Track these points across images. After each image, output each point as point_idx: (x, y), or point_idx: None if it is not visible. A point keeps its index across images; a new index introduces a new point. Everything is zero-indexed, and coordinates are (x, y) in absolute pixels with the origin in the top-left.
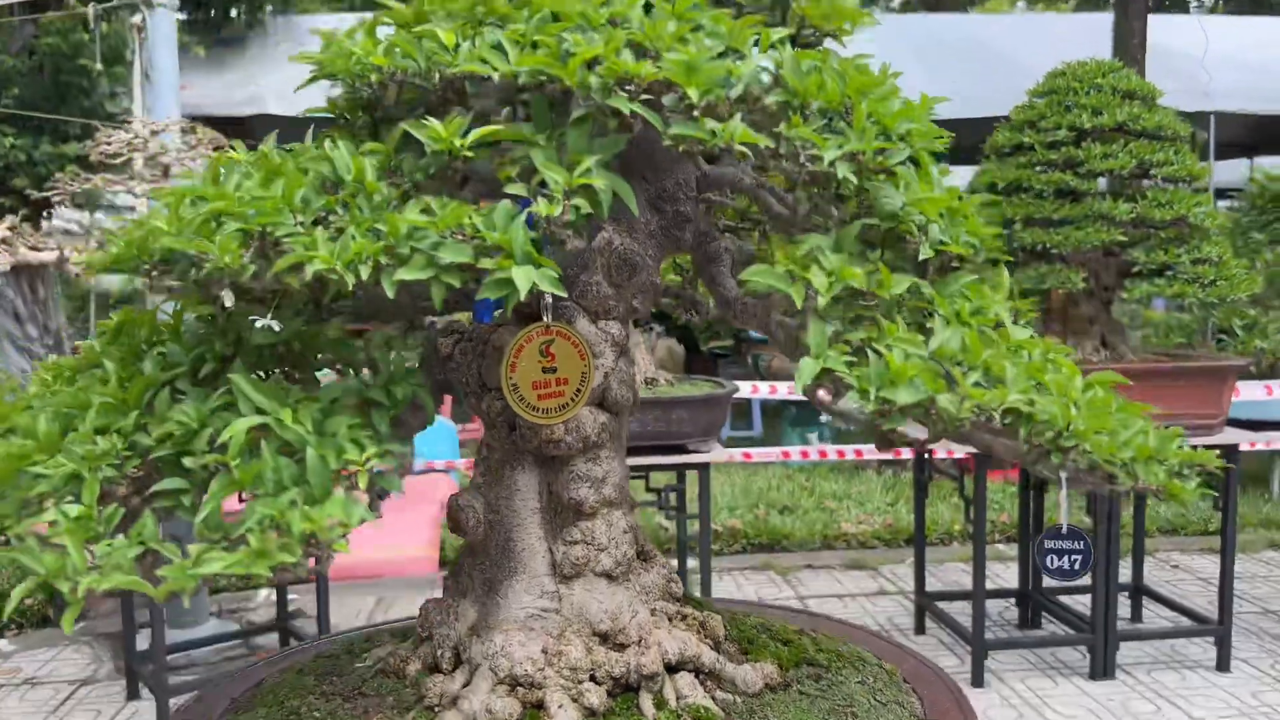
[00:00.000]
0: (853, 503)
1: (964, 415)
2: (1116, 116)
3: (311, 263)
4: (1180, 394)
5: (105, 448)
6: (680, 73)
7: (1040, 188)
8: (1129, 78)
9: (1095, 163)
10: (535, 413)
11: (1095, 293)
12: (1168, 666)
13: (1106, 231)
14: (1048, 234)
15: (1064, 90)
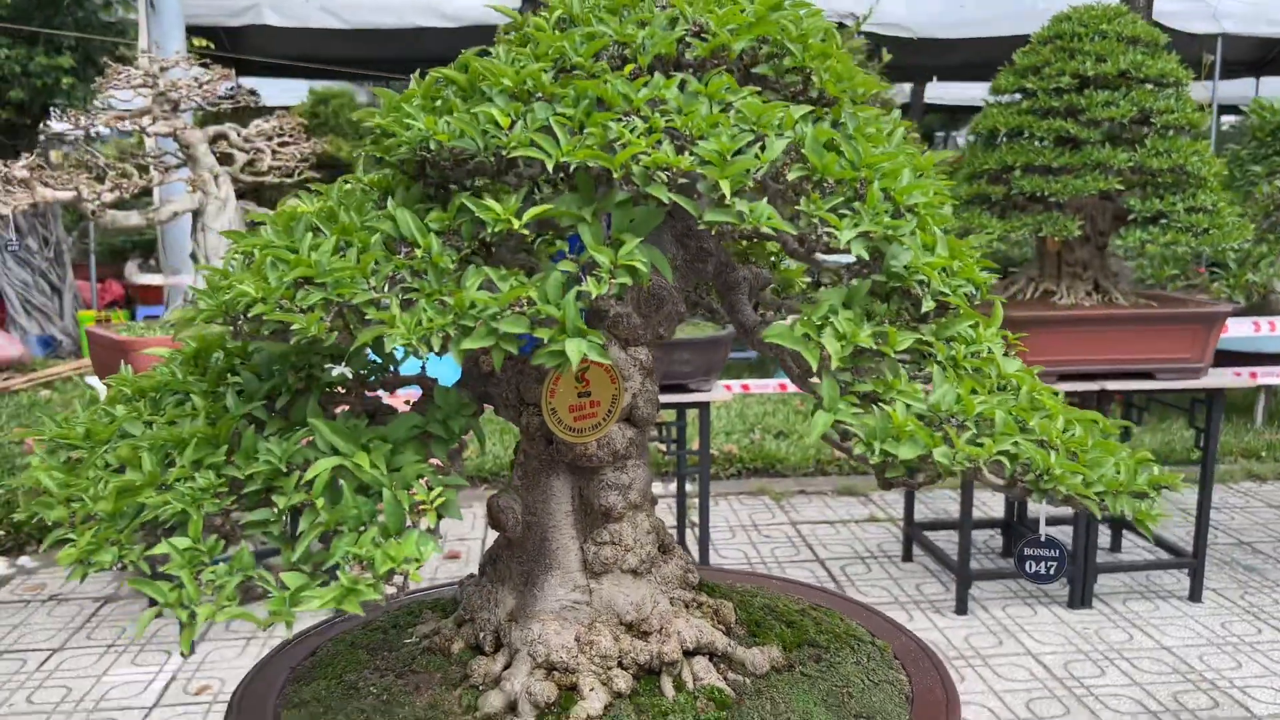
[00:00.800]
0: None
1: (957, 467)
2: (1120, 64)
3: (391, 336)
4: (1168, 338)
5: (204, 484)
6: (714, 165)
7: (1041, 135)
8: (1134, 23)
9: (1097, 110)
10: (571, 433)
11: (1091, 237)
12: (1143, 597)
13: (1104, 180)
14: (1046, 181)
15: (1068, 36)
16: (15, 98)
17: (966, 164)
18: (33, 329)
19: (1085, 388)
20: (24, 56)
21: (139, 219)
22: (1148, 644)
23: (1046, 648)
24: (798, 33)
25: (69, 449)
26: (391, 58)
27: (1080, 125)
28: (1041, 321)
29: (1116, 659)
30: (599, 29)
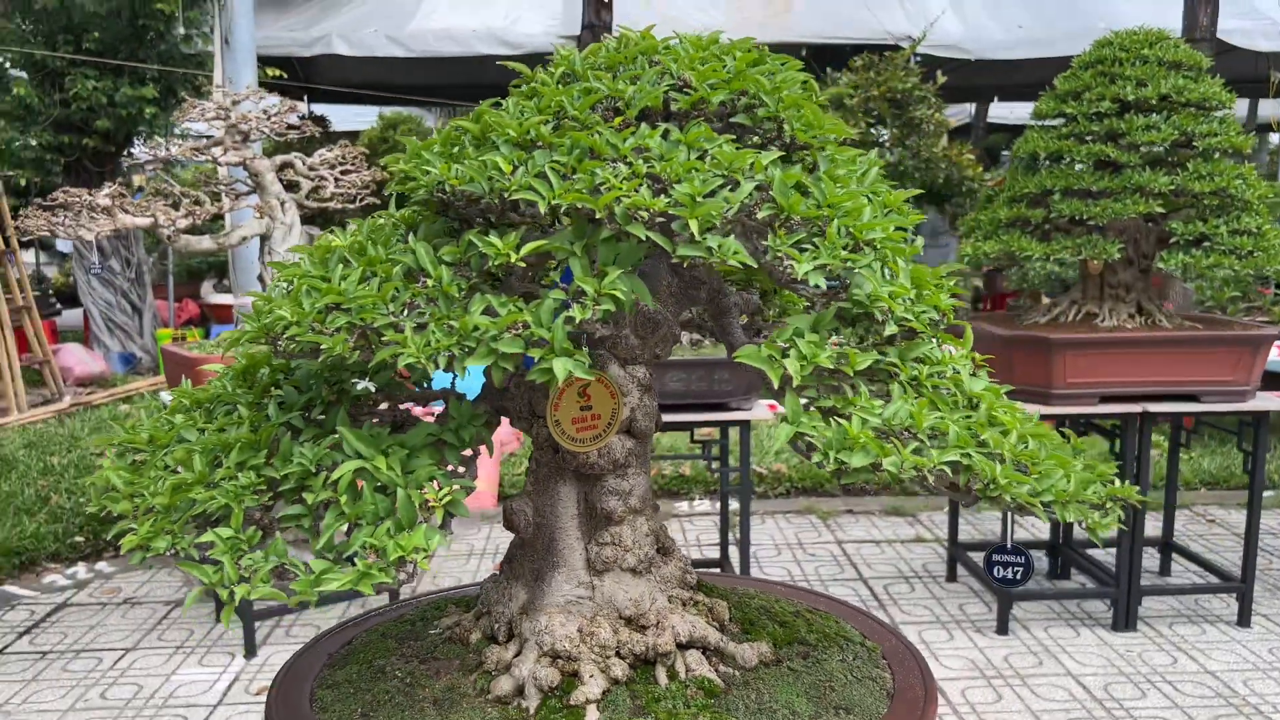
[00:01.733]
0: None
1: (904, 475)
2: (1161, 88)
3: (403, 355)
4: (1213, 361)
5: (245, 482)
6: (686, 206)
7: (1080, 159)
8: (1176, 48)
9: (1137, 135)
10: (574, 442)
11: (1134, 260)
12: (1189, 621)
13: (1145, 203)
14: (1086, 205)
15: (1109, 61)
16: (102, 127)
17: (1007, 187)
18: (114, 346)
19: (1127, 410)
20: (110, 88)
21: (211, 243)
22: (1191, 668)
23: (1087, 669)
24: (771, 85)
25: (135, 452)
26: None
27: (1120, 149)
28: (1082, 344)
29: (1159, 682)
30: (594, 85)
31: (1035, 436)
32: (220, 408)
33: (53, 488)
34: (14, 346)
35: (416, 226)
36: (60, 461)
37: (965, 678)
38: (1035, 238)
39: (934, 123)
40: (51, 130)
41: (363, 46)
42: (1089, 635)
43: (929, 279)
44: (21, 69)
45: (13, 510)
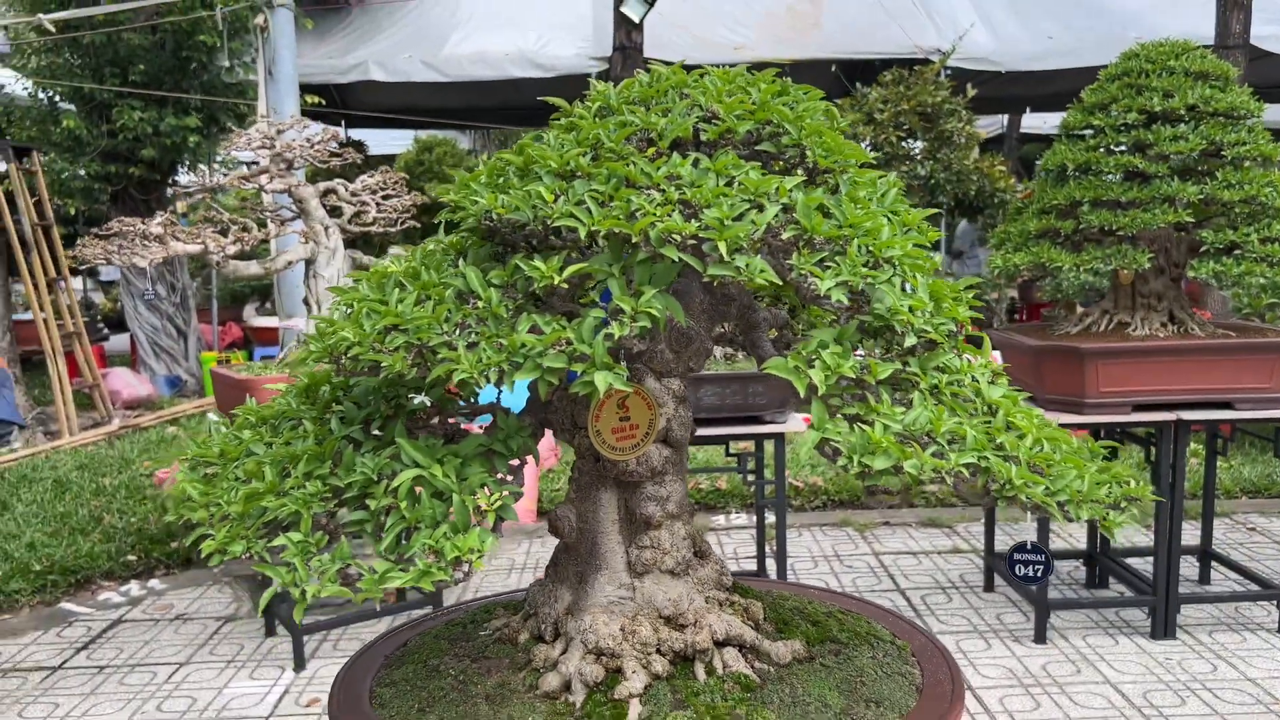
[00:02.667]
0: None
1: (924, 477)
2: (1188, 99)
3: (457, 371)
4: (1246, 368)
5: (312, 490)
6: (715, 229)
7: (1108, 171)
8: (1202, 58)
9: (1164, 145)
10: (614, 451)
11: (1165, 269)
12: (1230, 629)
13: (1174, 213)
14: (1114, 216)
15: (1136, 72)
16: (147, 156)
17: (1036, 199)
18: (160, 369)
19: (1161, 418)
20: (155, 118)
21: (258, 268)
22: (1231, 675)
23: (1126, 677)
24: (794, 115)
25: (207, 465)
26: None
27: (1148, 160)
28: (1114, 353)
29: (1198, 689)
30: (629, 118)
31: (1051, 440)
32: (285, 423)
33: (105, 508)
34: (65, 371)
35: (466, 251)
36: (112, 482)
37: (1003, 686)
38: (1065, 249)
39: (965, 135)
40: (99, 160)
41: (398, 72)
42: (1127, 643)
43: (947, 293)
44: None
45: (68, 530)
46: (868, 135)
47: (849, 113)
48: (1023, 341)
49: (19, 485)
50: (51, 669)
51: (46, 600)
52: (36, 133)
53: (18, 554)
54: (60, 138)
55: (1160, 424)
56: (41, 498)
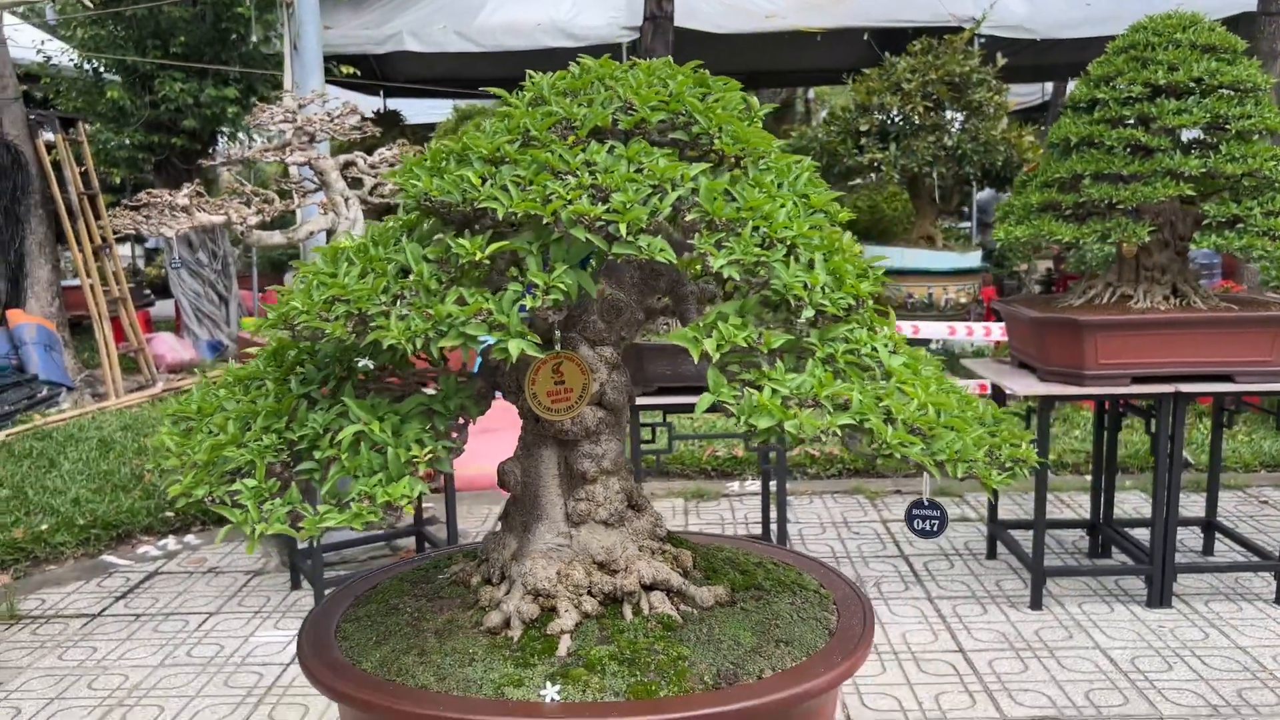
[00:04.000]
0: None
1: (804, 435)
2: (1193, 71)
3: (386, 337)
4: (1247, 341)
5: (268, 443)
6: (619, 213)
7: (1111, 144)
8: (1210, 31)
9: (1168, 119)
10: (549, 412)
11: (1170, 242)
12: (1227, 598)
13: (1175, 186)
14: (1115, 189)
15: (1142, 45)
16: (188, 126)
17: (1040, 172)
18: (203, 335)
19: (1160, 390)
20: (196, 89)
21: (281, 237)
22: (1222, 643)
23: (1116, 643)
24: (705, 106)
25: (186, 420)
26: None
27: (1151, 134)
28: (1112, 325)
29: (1187, 656)
30: (554, 108)
31: (940, 404)
32: (255, 383)
33: (146, 467)
34: (111, 336)
35: (414, 228)
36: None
37: (994, 649)
38: (1068, 222)
39: (994, 105)
40: (143, 130)
41: (432, 42)
42: (1123, 611)
43: (850, 270)
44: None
45: (110, 487)
46: (894, 105)
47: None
48: (1024, 313)
49: (66, 444)
50: (91, 616)
51: (89, 552)
52: (82, 103)
53: (63, 509)
54: (105, 108)
55: (1159, 396)
56: (87, 456)
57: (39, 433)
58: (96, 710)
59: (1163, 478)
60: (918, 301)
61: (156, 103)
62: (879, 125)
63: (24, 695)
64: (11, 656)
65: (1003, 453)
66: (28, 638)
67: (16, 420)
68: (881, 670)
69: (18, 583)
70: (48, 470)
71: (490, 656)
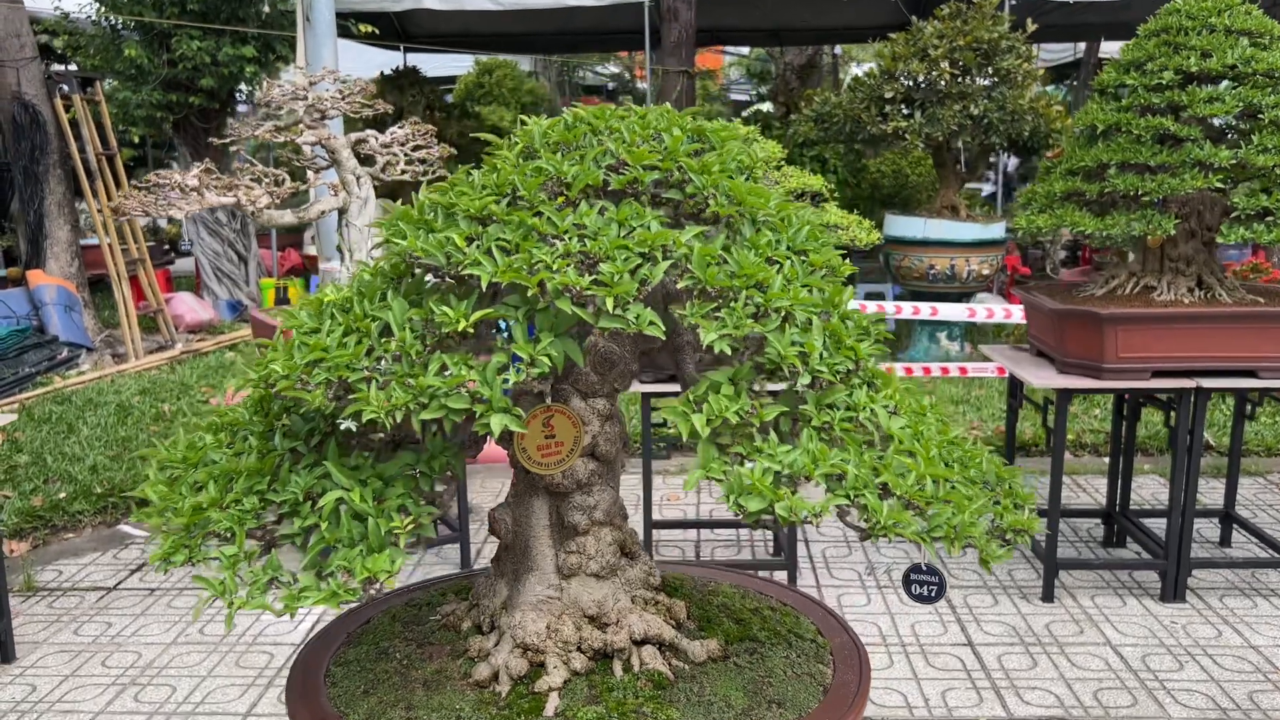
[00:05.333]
0: (969, 407)
1: (794, 519)
2: (1226, 59)
3: (366, 410)
4: (1271, 337)
5: (249, 506)
6: (606, 285)
7: (1139, 132)
8: (1247, 15)
9: (1198, 108)
10: (539, 466)
11: (1196, 232)
12: (1243, 594)
13: (1203, 178)
14: (1142, 180)
15: (1175, 29)
16: (206, 85)
17: (1064, 159)
18: (222, 294)
19: (1181, 385)
20: (213, 48)
21: (291, 217)
22: (1235, 641)
23: (1128, 639)
24: (700, 165)
25: (172, 468)
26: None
27: (1181, 123)
28: (1132, 318)
29: (1199, 655)
30: (544, 165)
31: (939, 475)
32: (240, 433)
33: (164, 433)
34: (130, 296)
35: (403, 278)
36: (171, 408)
37: (1003, 644)
38: (1091, 211)
39: (1023, 73)
40: (161, 89)
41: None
42: (1135, 605)
43: (850, 330)
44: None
45: (127, 455)
46: (921, 72)
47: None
48: (1045, 303)
49: (85, 409)
50: (107, 589)
51: (107, 521)
52: (100, 60)
53: (81, 476)
54: (123, 66)
55: (1180, 391)
56: (105, 422)
57: (59, 396)
58: (110, 689)
59: (1180, 473)
60: (939, 273)
61: (174, 61)
62: (904, 92)
63: (39, 672)
64: (28, 631)
65: (1005, 521)
66: (44, 611)
67: (37, 382)
68: (889, 664)
69: (36, 552)
70: (67, 436)
71: (477, 715)
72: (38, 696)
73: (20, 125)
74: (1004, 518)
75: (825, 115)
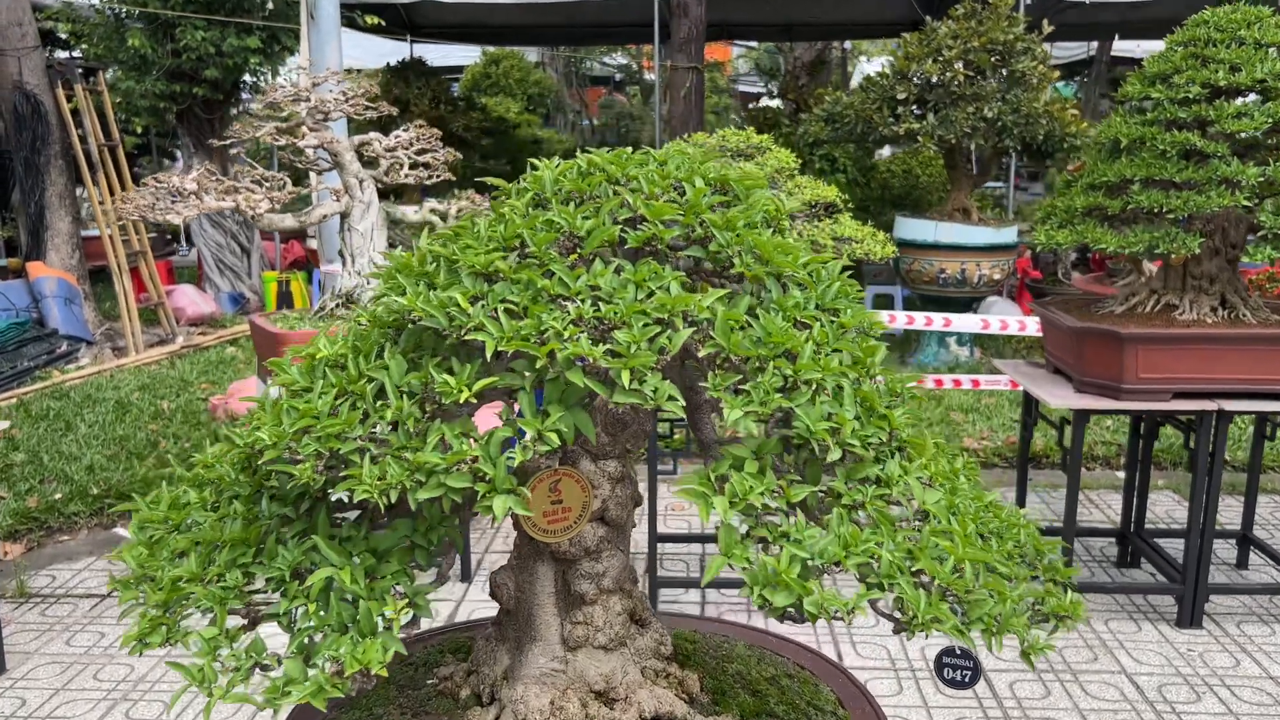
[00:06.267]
0: (979, 416)
1: (824, 616)
2: (1256, 73)
3: (358, 489)
4: None
5: (231, 583)
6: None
7: (1164, 147)
8: (1276, 28)
9: (1226, 123)
10: (544, 534)
11: (1221, 249)
12: (1261, 620)
13: (1230, 196)
14: (1166, 197)
15: (1203, 41)
16: (210, 76)
17: (1086, 174)
18: (225, 286)
19: (1202, 407)
20: (217, 38)
21: (293, 221)
22: (1254, 671)
23: (1144, 668)
24: (723, 220)
25: (153, 528)
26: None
27: (1208, 139)
28: (1154, 338)
29: (1217, 685)
30: (556, 217)
31: (978, 559)
32: (225, 493)
33: (161, 432)
34: (131, 289)
35: (402, 329)
36: (169, 406)
37: (1015, 670)
38: (1113, 226)
39: (1038, 75)
40: (165, 79)
41: None
42: (1151, 631)
43: (880, 399)
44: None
45: (125, 454)
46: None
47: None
48: (1063, 321)
49: (83, 405)
50: (100, 597)
51: (103, 524)
52: (104, 49)
53: (77, 476)
54: (127, 56)
55: (1201, 413)
56: (103, 419)
57: (57, 391)
58: (101, 704)
59: (1200, 495)
60: (950, 277)
61: (178, 51)
62: (917, 93)
63: (30, 684)
64: (20, 640)
65: (1047, 606)
66: (37, 619)
67: (36, 376)
68: (899, 690)
69: (30, 555)
70: (64, 433)
71: None
72: (27, 711)
73: (21, 115)
74: (1046, 602)
75: (836, 115)
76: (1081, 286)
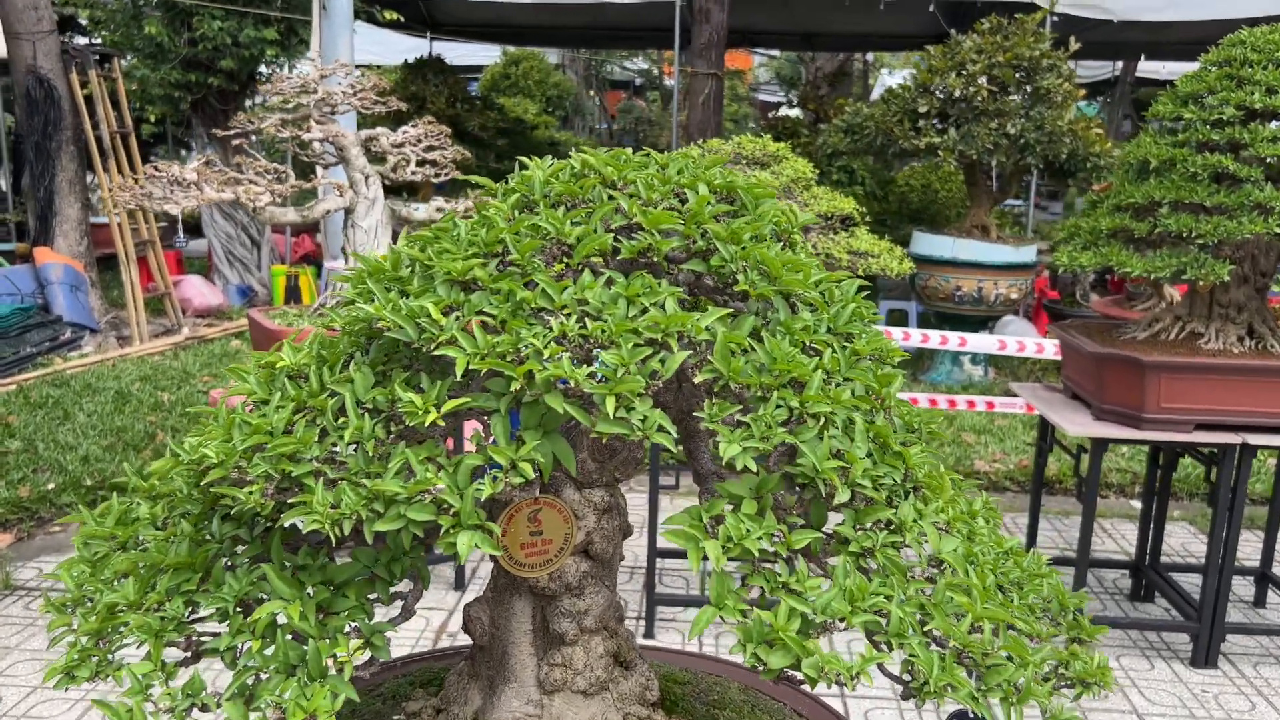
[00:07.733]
0: (991, 438)
1: (825, 680)
2: None
3: (309, 519)
4: None
5: (171, 613)
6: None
7: (1195, 170)
8: None
9: (1260, 147)
10: (521, 568)
11: (1250, 277)
12: (1278, 661)
13: (1263, 223)
14: (1196, 221)
15: (1239, 62)
16: (226, 66)
17: (1113, 194)
18: (234, 278)
19: (1225, 440)
20: (235, 28)
21: (295, 215)
22: (1271, 717)
23: (1155, 709)
24: (727, 232)
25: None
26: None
27: (1240, 162)
28: (1177, 367)
29: None
30: (543, 222)
31: (997, 618)
32: (176, 510)
33: (160, 425)
34: (138, 278)
35: (375, 338)
36: (170, 398)
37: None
38: (1138, 249)
39: (1063, 93)
40: (180, 68)
41: None
42: (1164, 669)
43: (895, 435)
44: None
45: (122, 445)
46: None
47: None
48: (1083, 346)
49: (83, 394)
50: None
51: None
52: (120, 36)
53: (72, 466)
54: (143, 43)
55: (1224, 446)
56: (102, 409)
57: (58, 379)
58: (77, 706)
59: (1220, 531)
60: (966, 295)
61: (195, 40)
62: (939, 107)
63: (7, 681)
64: (1, 635)
65: (1072, 670)
66: (19, 613)
67: (38, 363)
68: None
69: (17, 546)
70: (61, 422)
71: None
72: (3, 709)
73: (34, 99)
74: (1071, 665)
75: (856, 127)
76: (1100, 309)
